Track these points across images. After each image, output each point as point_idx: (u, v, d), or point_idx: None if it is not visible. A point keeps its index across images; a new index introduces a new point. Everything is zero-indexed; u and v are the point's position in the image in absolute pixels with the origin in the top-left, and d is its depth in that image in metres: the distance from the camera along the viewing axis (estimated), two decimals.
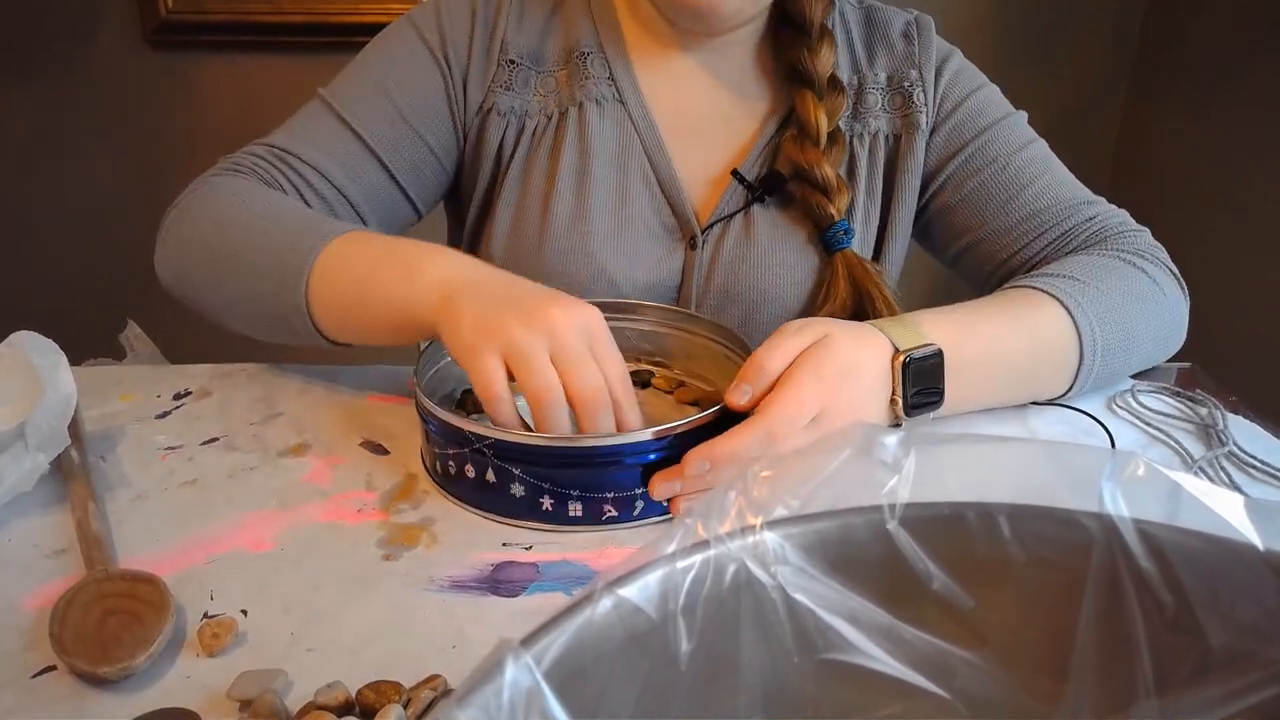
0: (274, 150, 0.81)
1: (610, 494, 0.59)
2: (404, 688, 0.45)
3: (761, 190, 0.84)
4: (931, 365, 0.65)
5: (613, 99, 0.85)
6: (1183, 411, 0.74)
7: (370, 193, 0.82)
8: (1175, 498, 0.33)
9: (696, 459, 0.59)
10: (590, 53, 0.85)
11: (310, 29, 1.83)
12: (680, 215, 0.85)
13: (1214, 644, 0.33)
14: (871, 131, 0.86)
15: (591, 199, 0.83)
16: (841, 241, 0.82)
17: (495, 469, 0.59)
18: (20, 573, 0.55)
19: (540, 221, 0.83)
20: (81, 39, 1.87)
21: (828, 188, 0.81)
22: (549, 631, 0.29)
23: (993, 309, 0.72)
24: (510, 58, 0.84)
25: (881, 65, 0.87)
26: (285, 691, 0.46)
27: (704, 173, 0.86)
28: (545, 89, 0.85)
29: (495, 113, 0.84)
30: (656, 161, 0.85)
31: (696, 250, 0.85)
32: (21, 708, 0.46)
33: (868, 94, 0.86)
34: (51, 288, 2.05)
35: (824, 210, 0.82)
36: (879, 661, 0.35)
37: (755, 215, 0.84)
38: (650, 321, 0.77)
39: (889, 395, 0.65)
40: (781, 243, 0.84)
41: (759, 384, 0.61)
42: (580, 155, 0.83)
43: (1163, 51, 1.83)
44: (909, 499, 0.35)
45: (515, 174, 0.85)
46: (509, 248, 0.85)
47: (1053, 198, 0.83)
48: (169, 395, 0.75)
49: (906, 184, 0.87)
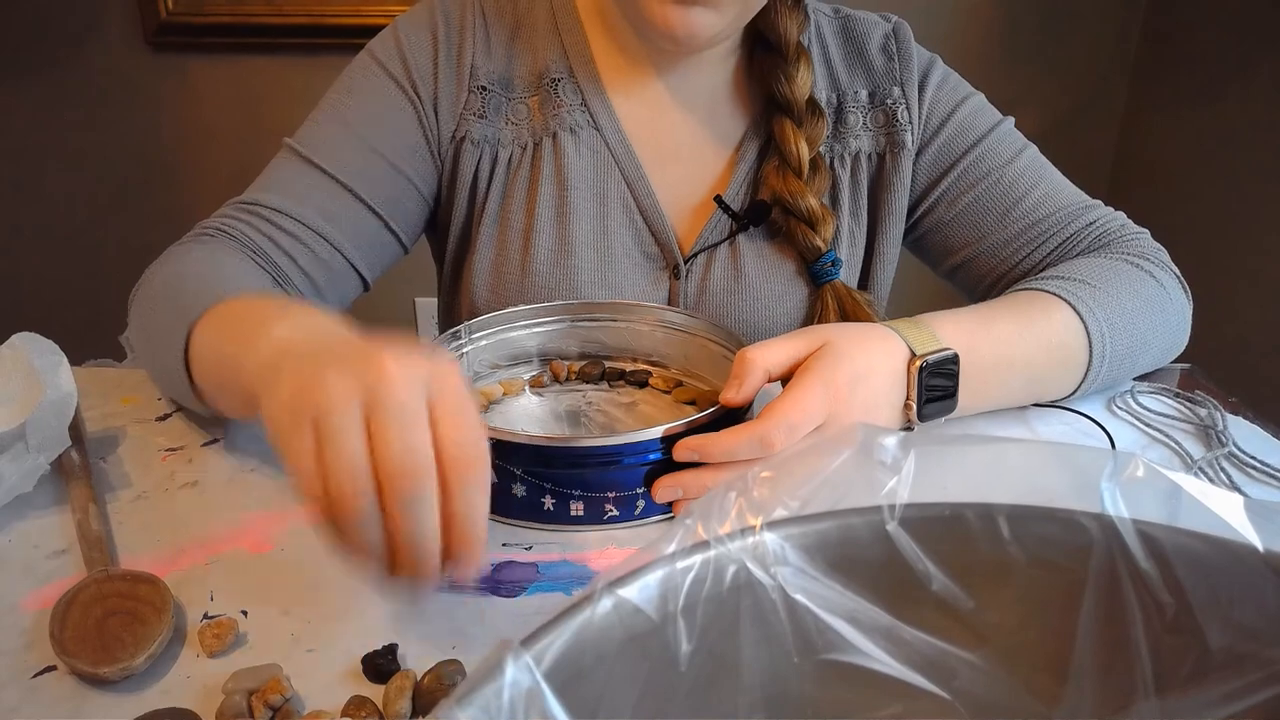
0: (247, 208, 0.78)
1: (611, 493, 0.59)
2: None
3: (747, 220, 0.82)
4: (947, 369, 0.65)
5: (587, 126, 0.83)
6: (1182, 412, 0.74)
7: (353, 233, 0.80)
8: (1175, 499, 0.34)
9: (687, 448, 0.58)
10: (561, 79, 0.83)
11: (310, 30, 1.84)
12: (663, 244, 0.84)
13: (1214, 645, 0.33)
14: (852, 152, 0.85)
15: (573, 232, 0.81)
16: (830, 274, 0.82)
17: (496, 469, 0.59)
18: (21, 573, 0.55)
19: (522, 258, 0.82)
20: (81, 40, 1.88)
21: (813, 219, 0.80)
22: (549, 632, 0.29)
23: (1006, 311, 0.71)
24: (481, 84, 0.81)
25: (862, 82, 0.85)
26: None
27: (685, 199, 0.85)
28: (517, 117, 0.83)
29: (469, 141, 0.82)
30: (637, 189, 0.83)
31: (681, 280, 0.84)
32: (22, 708, 0.46)
33: (848, 113, 0.85)
34: (52, 288, 2.06)
35: (810, 242, 0.81)
36: (879, 662, 0.35)
37: (741, 245, 0.83)
38: (648, 322, 0.77)
39: (903, 399, 0.64)
40: (770, 273, 0.83)
41: (747, 380, 0.61)
42: (558, 187, 0.82)
43: (1163, 51, 1.83)
44: (909, 500, 0.35)
45: (494, 209, 0.83)
46: (492, 285, 0.83)
47: (1052, 206, 0.82)
48: (169, 397, 0.75)
49: (893, 204, 0.85)
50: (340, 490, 0.42)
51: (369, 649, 0.49)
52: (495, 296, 0.84)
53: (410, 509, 0.42)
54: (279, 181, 0.79)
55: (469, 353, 0.75)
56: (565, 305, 0.77)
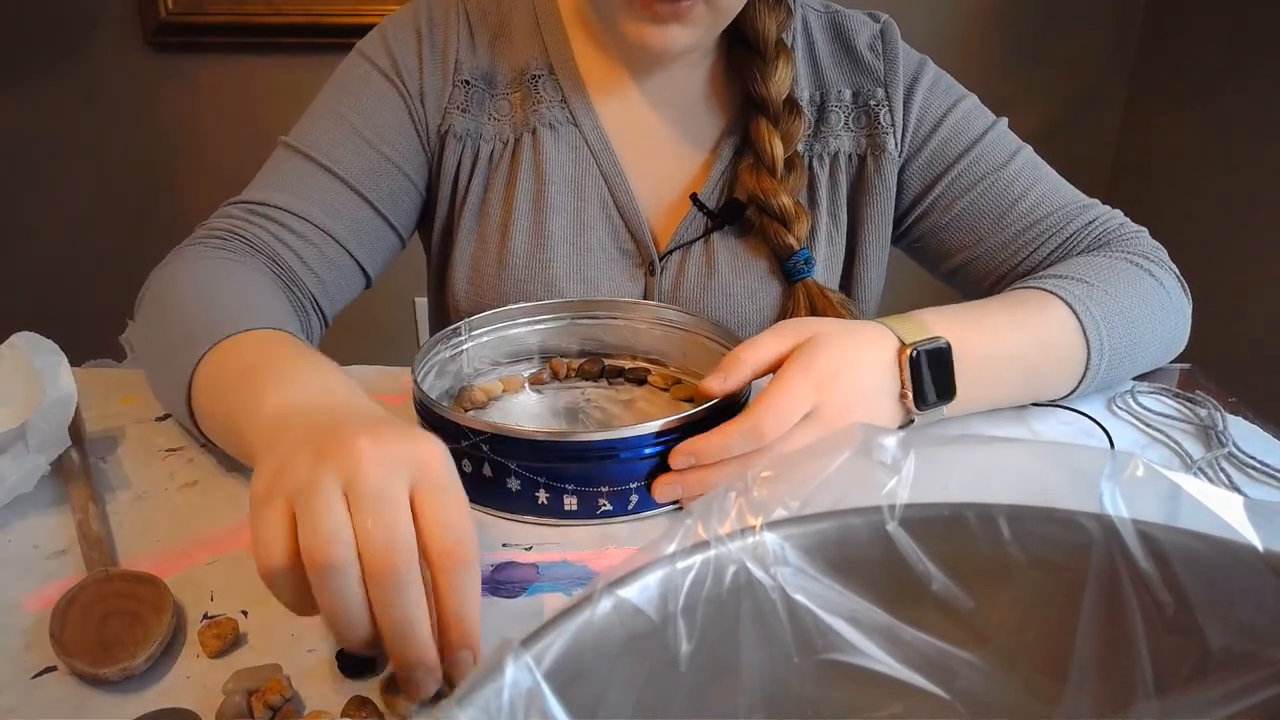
0: (248, 207, 0.78)
1: (605, 488, 0.59)
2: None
3: (721, 219, 0.83)
4: (940, 359, 0.65)
5: (567, 122, 0.84)
6: (1182, 412, 0.74)
7: (354, 228, 0.80)
8: (1175, 499, 0.34)
9: (682, 454, 0.59)
10: (541, 75, 0.84)
11: (309, 30, 1.84)
12: (639, 240, 0.84)
13: (1213, 645, 0.33)
14: (832, 151, 0.85)
15: (550, 226, 0.82)
16: (802, 271, 0.82)
17: (492, 464, 0.59)
18: (20, 573, 0.55)
19: (499, 252, 0.83)
20: (81, 40, 1.88)
21: (785, 217, 0.81)
22: (549, 632, 0.29)
23: (998, 307, 0.72)
24: (464, 78, 0.83)
25: (846, 82, 0.85)
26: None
27: (662, 197, 0.85)
28: (499, 113, 0.84)
29: (452, 135, 0.83)
30: (614, 185, 0.84)
31: (656, 277, 0.84)
32: (22, 708, 0.46)
33: (831, 112, 0.85)
34: (51, 288, 2.06)
35: (783, 240, 0.81)
36: (879, 662, 0.35)
37: (716, 243, 0.84)
38: (648, 319, 0.78)
39: (898, 390, 0.64)
40: (743, 271, 0.84)
41: (734, 373, 0.61)
42: (536, 182, 0.83)
43: (1163, 51, 1.83)
44: (909, 500, 0.35)
45: (474, 203, 0.84)
46: (471, 279, 0.84)
47: (1050, 206, 0.82)
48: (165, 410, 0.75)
49: (875, 206, 0.85)
50: (315, 554, 0.40)
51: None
52: (473, 289, 0.84)
53: (385, 587, 0.40)
54: (281, 180, 0.79)
55: (469, 349, 0.75)
56: (565, 303, 0.78)
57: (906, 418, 0.65)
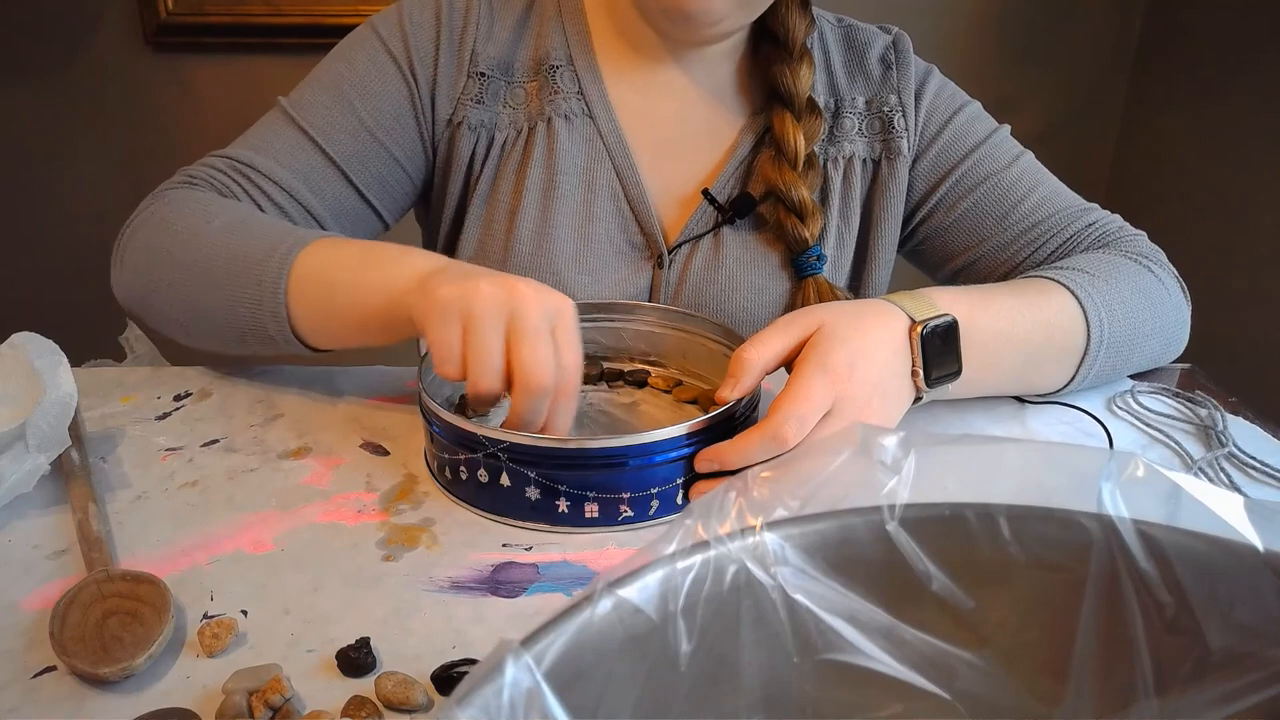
0: (233, 163, 0.79)
1: (626, 494, 0.59)
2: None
3: (731, 212, 0.83)
4: (949, 335, 0.65)
5: (582, 114, 0.84)
6: (1182, 412, 0.74)
7: (335, 206, 0.81)
8: (1175, 499, 0.34)
9: (706, 461, 0.59)
10: (560, 66, 0.84)
11: (310, 30, 1.83)
12: (648, 233, 0.84)
13: (1213, 645, 0.33)
14: (846, 156, 0.85)
15: (557, 216, 0.82)
16: (813, 267, 0.82)
17: (510, 472, 0.59)
18: (20, 573, 0.55)
19: (505, 238, 0.83)
20: (81, 40, 1.88)
21: (803, 211, 0.81)
22: (549, 632, 0.29)
23: (1004, 290, 0.72)
24: (480, 70, 0.82)
25: (860, 89, 0.86)
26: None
27: (674, 190, 0.85)
28: (515, 101, 0.84)
29: (465, 127, 0.83)
30: (625, 178, 0.84)
31: (664, 270, 0.84)
32: (21, 708, 0.46)
33: (844, 118, 0.86)
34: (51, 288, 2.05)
35: (798, 233, 0.81)
36: (879, 662, 0.35)
37: (725, 237, 0.84)
38: (647, 321, 0.77)
39: (909, 368, 0.64)
40: (751, 266, 0.84)
41: (744, 378, 0.61)
42: (547, 171, 0.83)
43: (1163, 51, 1.83)
44: (909, 500, 0.35)
45: (483, 189, 0.84)
46: (476, 264, 0.84)
47: (1051, 208, 0.83)
48: (169, 396, 0.75)
49: (888, 210, 0.86)
50: (477, 371, 0.57)
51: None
52: None
53: (531, 399, 0.57)
54: (271, 145, 0.80)
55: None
56: None
57: (916, 394, 0.65)
